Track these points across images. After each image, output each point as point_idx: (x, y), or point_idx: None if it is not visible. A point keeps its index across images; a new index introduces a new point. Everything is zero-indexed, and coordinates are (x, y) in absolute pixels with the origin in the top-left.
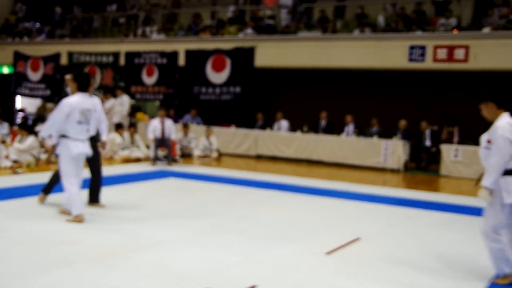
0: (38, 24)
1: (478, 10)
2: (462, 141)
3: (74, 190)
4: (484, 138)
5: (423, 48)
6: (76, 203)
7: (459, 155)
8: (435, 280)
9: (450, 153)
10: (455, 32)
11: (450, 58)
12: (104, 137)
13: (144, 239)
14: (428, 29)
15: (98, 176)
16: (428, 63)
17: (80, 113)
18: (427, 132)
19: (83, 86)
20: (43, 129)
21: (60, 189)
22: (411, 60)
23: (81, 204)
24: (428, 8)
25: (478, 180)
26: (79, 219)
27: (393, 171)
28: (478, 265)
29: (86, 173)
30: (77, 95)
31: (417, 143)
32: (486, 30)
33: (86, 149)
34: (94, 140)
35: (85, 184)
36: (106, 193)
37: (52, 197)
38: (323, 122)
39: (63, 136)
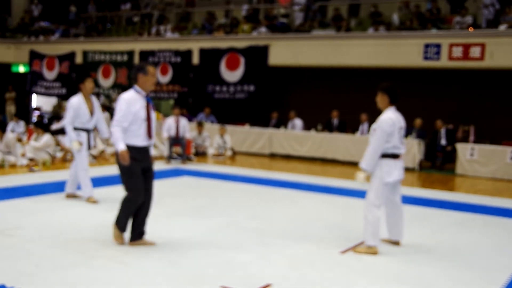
0: (48, 23)
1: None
2: (478, 140)
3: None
4: (373, 126)
5: (438, 46)
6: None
7: (475, 154)
8: (450, 280)
9: (466, 152)
10: (471, 30)
11: (466, 56)
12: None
13: (158, 238)
14: (444, 27)
15: (145, 203)
16: (443, 62)
17: None
18: (443, 131)
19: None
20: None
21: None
22: (426, 58)
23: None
24: (443, 6)
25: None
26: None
27: (408, 170)
28: (493, 265)
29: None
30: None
31: (432, 142)
32: (503, 28)
33: (78, 137)
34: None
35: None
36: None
37: (64, 195)
38: (335, 121)
39: None
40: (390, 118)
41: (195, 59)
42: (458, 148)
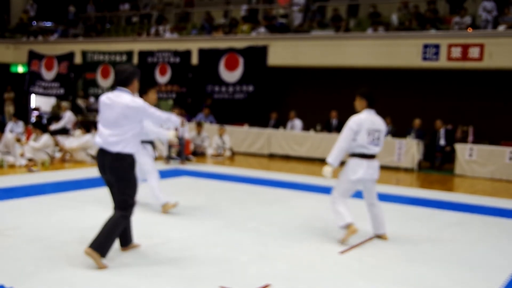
0: (46, 23)
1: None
2: (476, 140)
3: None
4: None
5: (437, 46)
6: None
7: (473, 154)
8: (449, 280)
9: (465, 152)
10: (470, 30)
11: (465, 56)
12: None
13: (157, 238)
14: (442, 28)
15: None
16: (442, 62)
17: None
18: (442, 131)
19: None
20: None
21: (72, 188)
22: (425, 59)
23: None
24: (442, 6)
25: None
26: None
27: (407, 170)
28: (492, 265)
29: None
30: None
31: (431, 142)
32: (502, 28)
33: (144, 150)
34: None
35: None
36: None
37: (63, 195)
38: (334, 121)
39: None
40: (359, 118)
41: (194, 59)
42: (457, 149)
